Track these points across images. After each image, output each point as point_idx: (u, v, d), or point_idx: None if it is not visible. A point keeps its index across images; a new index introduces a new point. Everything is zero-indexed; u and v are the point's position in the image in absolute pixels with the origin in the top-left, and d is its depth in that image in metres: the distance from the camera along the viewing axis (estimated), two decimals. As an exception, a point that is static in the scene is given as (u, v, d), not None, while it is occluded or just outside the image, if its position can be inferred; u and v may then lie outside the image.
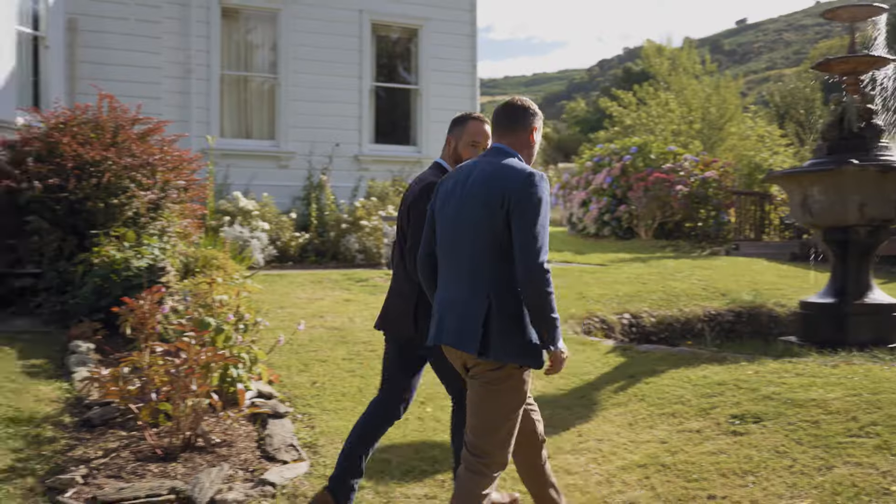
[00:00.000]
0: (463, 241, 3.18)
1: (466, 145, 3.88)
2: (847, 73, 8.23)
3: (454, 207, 3.23)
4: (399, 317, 3.95)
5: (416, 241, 3.64)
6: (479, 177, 3.19)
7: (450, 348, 3.25)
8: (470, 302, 3.12)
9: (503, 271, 3.08)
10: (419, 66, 14.23)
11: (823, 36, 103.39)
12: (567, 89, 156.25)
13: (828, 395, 5.01)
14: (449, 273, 3.26)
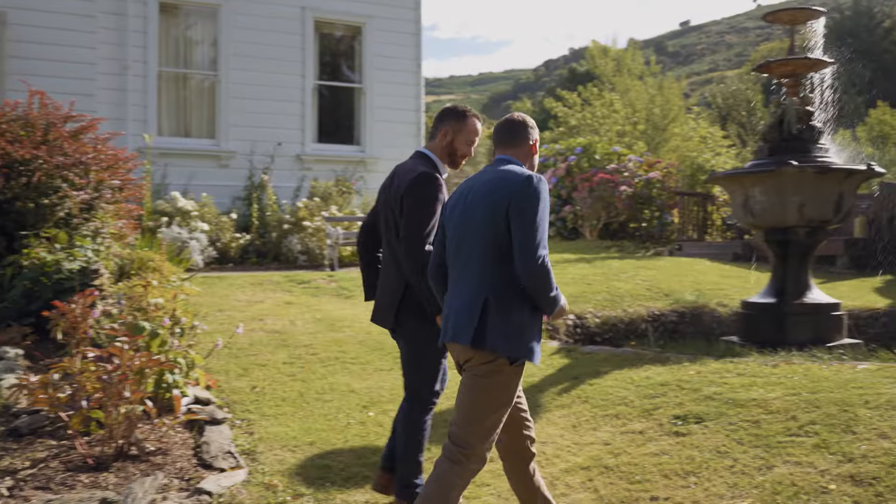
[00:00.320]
0: (467, 245, 3.32)
1: (466, 143, 3.92)
2: (787, 75, 8.33)
3: (460, 215, 3.39)
4: (384, 308, 3.99)
5: (411, 230, 3.69)
6: (483, 185, 3.36)
7: (452, 345, 3.36)
8: (470, 301, 3.24)
9: (503, 272, 3.22)
10: (363, 65, 14.08)
11: (765, 38, 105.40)
12: (513, 89, 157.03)
13: (768, 395, 5.03)
14: (457, 276, 3.38)
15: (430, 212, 3.74)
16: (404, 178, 3.84)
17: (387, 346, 6.95)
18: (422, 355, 3.93)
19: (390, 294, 3.92)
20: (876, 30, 57.46)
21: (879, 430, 4.29)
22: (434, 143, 3.95)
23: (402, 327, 3.92)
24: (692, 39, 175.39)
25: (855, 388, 5.01)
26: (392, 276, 3.95)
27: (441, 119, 3.95)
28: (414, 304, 3.82)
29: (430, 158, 3.93)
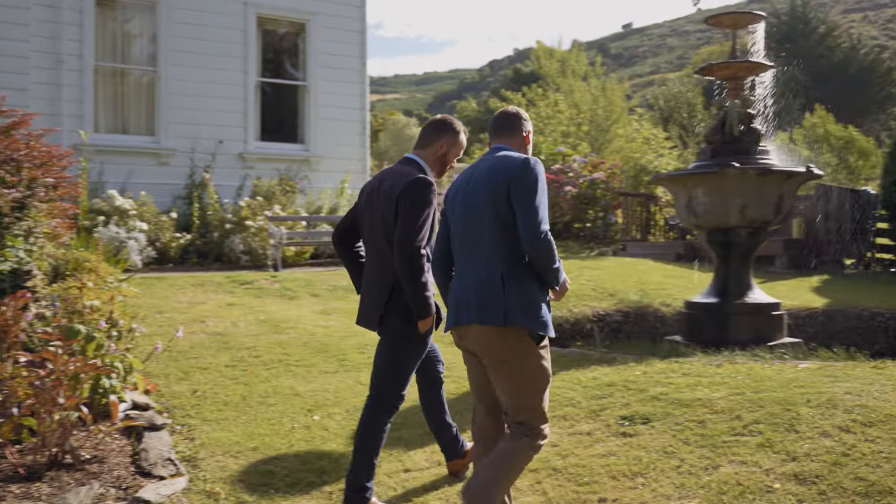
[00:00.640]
0: (474, 230, 3.49)
1: (455, 155, 4.17)
2: (728, 78, 8.43)
3: (464, 202, 3.56)
4: (370, 309, 4.10)
5: (407, 231, 3.80)
6: (482, 171, 3.56)
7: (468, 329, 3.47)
8: (487, 277, 3.40)
9: (511, 251, 3.41)
10: (307, 62, 13.92)
11: (705, 42, 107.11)
12: (458, 89, 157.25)
13: (713, 395, 5.06)
14: (465, 262, 3.53)
15: (426, 215, 3.87)
16: (398, 180, 3.94)
17: (331, 349, 6.86)
18: (401, 355, 4.04)
19: (376, 295, 4.02)
20: (811, 35, 58.83)
21: (821, 429, 4.34)
22: (427, 151, 4.12)
23: (386, 327, 4.01)
24: (634, 42, 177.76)
25: (797, 387, 5.07)
26: (377, 276, 4.04)
27: (438, 131, 4.13)
28: (400, 304, 3.93)
29: (420, 165, 4.07)
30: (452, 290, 3.58)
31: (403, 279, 3.84)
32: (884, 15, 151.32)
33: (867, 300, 10.05)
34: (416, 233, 3.82)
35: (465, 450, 4.41)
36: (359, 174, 14.03)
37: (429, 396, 4.44)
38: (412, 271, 3.80)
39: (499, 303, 3.35)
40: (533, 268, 3.42)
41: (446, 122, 4.19)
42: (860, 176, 29.95)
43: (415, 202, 3.86)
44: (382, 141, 54.54)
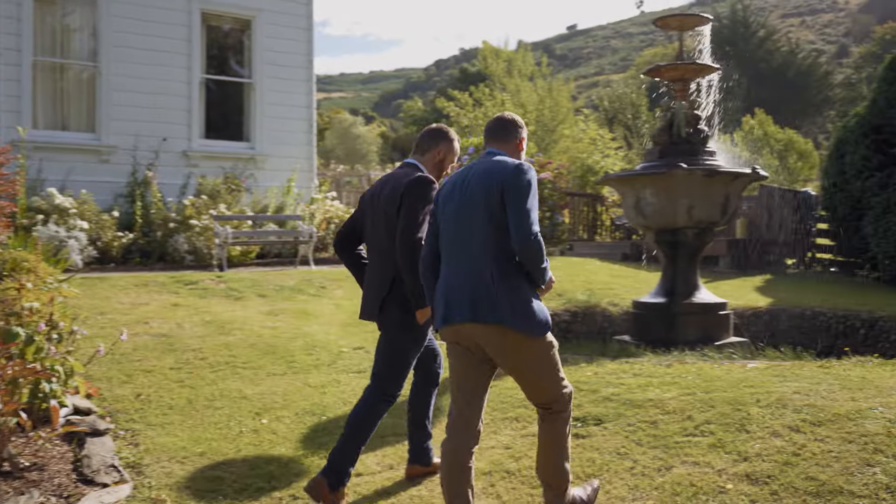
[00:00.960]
0: (465, 230, 3.61)
1: (451, 161, 4.44)
2: (676, 79, 8.50)
3: (456, 202, 3.67)
4: (370, 301, 4.28)
5: (410, 225, 4.04)
6: (476, 174, 3.67)
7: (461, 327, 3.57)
8: (479, 275, 3.53)
9: (503, 251, 3.52)
10: (253, 60, 13.72)
11: (648, 44, 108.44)
12: (404, 88, 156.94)
13: (664, 395, 5.08)
14: (455, 260, 3.63)
15: (427, 211, 4.09)
16: (402, 180, 4.21)
17: (279, 350, 6.75)
18: (401, 345, 4.20)
19: (377, 288, 4.23)
20: (752, 39, 60.00)
21: (772, 429, 4.37)
22: (426, 157, 4.38)
23: (385, 317, 4.19)
24: (579, 43, 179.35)
25: (747, 386, 5.12)
26: (378, 271, 4.26)
27: (437, 139, 4.40)
28: (399, 296, 4.13)
29: (420, 168, 4.33)
30: (442, 288, 3.66)
31: (404, 269, 4.05)
32: (820, 20, 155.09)
33: (809, 300, 10.24)
34: (418, 226, 4.05)
35: (432, 462, 4.39)
36: (305, 173, 13.88)
37: (421, 394, 4.48)
38: (412, 262, 3.99)
39: (491, 302, 3.48)
40: (522, 267, 3.53)
41: (443, 130, 4.45)
42: (799, 177, 30.61)
43: (418, 197, 4.11)
44: (329, 139, 54.11)
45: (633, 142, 31.44)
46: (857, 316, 9.24)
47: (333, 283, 10.03)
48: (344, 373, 6.21)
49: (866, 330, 9.06)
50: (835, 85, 62.31)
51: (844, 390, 4.89)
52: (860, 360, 5.95)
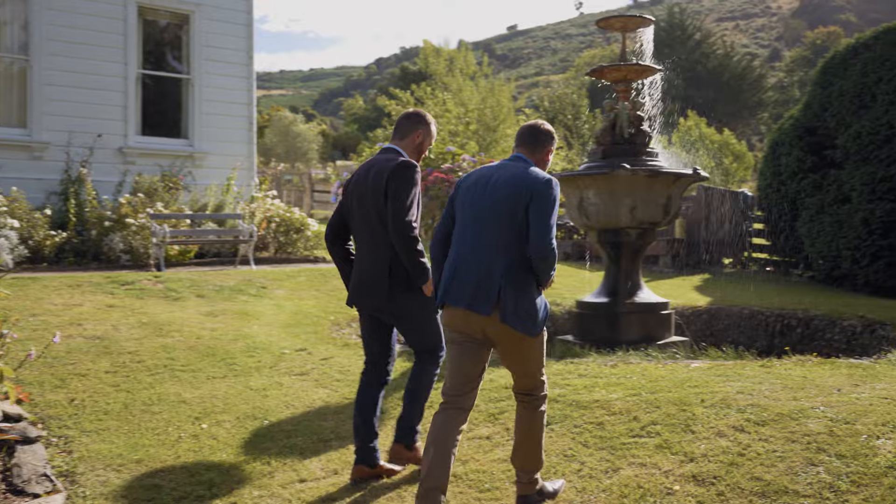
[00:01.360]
0: (485, 227, 3.83)
1: (430, 143, 4.64)
2: (619, 80, 8.54)
3: (479, 198, 3.89)
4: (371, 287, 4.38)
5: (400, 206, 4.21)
6: (506, 176, 3.90)
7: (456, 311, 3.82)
8: (488, 270, 3.76)
9: (516, 252, 3.76)
10: (192, 55, 13.43)
11: (587, 45, 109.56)
12: (345, 86, 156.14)
13: (610, 396, 5.08)
14: (468, 252, 3.85)
15: (414, 193, 4.30)
16: (386, 165, 4.37)
17: (219, 352, 6.59)
18: (418, 319, 4.41)
19: (376, 276, 4.34)
20: (688, 42, 61.04)
21: (717, 429, 4.40)
22: (405, 141, 4.56)
23: (397, 303, 4.33)
24: (519, 43, 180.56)
25: (691, 386, 5.15)
26: (373, 259, 4.37)
27: (415, 123, 4.58)
28: (401, 278, 4.31)
29: (401, 153, 4.49)
30: (448, 273, 3.89)
31: (400, 251, 4.24)
32: (754, 24, 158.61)
33: (747, 299, 10.40)
34: (408, 209, 4.24)
35: (378, 464, 4.39)
36: (245, 171, 13.66)
37: (370, 392, 4.55)
38: (407, 242, 4.21)
39: (493, 298, 3.72)
40: (531, 269, 3.77)
41: (421, 114, 4.64)
42: (735, 178, 31.20)
43: (403, 181, 4.27)
44: (268, 137, 53.52)
45: (573, 142, 31.69)
46: (794, 315, 9.42)
47: (274, 283, 9.87)
48: (286, 375, 6.09)
49: (802, 328, 9.23)
50: (768, 88, 63.82)
51: (786, 390, 4.95)
52: (800, 360, 6.04)
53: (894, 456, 3.89)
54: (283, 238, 13.00)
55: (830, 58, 14.86)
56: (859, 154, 13.24)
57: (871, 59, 13.62)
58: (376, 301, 4.38)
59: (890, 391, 4.84)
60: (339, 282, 10.26)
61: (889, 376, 5.41)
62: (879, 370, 5.65)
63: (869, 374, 5.46)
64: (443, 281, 3.91)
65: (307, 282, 10.15)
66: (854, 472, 3.80)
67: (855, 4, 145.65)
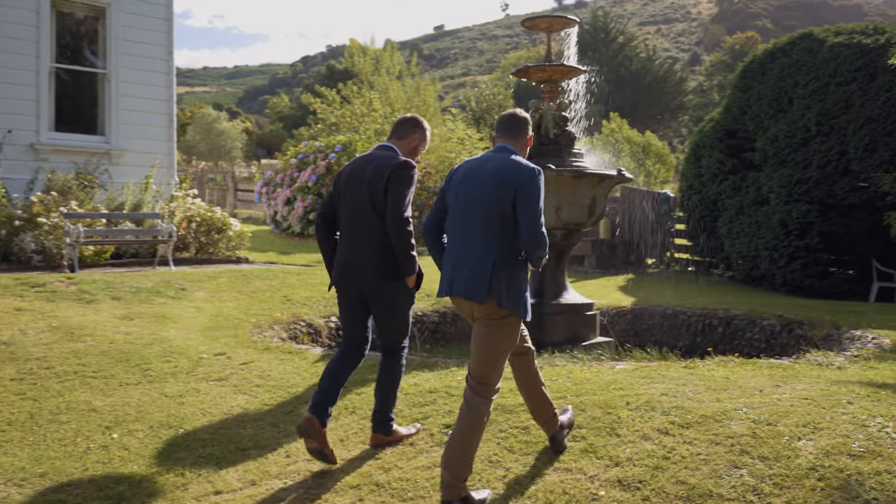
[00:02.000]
0: (475, 217, 4.01)
1: (424, 149, 4.93)
2: (544, 80, 8.52)
3: (470, 187, 4.07)
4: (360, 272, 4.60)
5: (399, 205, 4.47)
6: (493, 168, 4.06)
7: (460, 299, 4.06)
8: (480, 262, 3.96)
9: (506, 240, 3.96)
10: (108, 49, 13.00)
11: (513, 47, 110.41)
12: (270, 84, 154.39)
13: (536, 399, 5.01)
14: (462, 244, 4.06)
15: (411, 191, 4.58)
16: (386, 162, 4.62)
17: (133, 357, 6.33)
18: (398, 308, 4.67)
19: (367, 262, 4.57)
20: (612, 45, 61.91)
21: (642, 432, 4.37)
22: (402, 142, 4.80)
23: (383, 291, 4.60)
24: (446, 44, 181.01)
25: (616, 389, 5.13)
26: (364, 247, 4.59)
27: (414, 127, 4.84)
28: (389, 267, 4.55)
29: (398, 151, 4.73)
30: (447, 264, 4.14)
31: (396, 244, 4.50)
32: (675, 29, 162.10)
33: (670, 298, 10.52)
34: (406, 206, 4.52)
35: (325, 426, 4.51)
36: (165, 169, 13.28)
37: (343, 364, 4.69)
38: (403, 236, 4.48)
39: (488, 286, 3.91)
40: (521, 257, 4.00)
41: (418, 119, 4.89)
42: (657, 179, 31.74)
43: (403, 181, 4.53)
44: (191, 134, 52.36)
45: (499, 142, 31.75)
46: (715, 314, 9.55)
47: (194, 284, 9.59)
48: (204, 381, 5.87)
49: (724, 328, 9.37)
50: (688, 91, 65.12)
51: (710, 391, 4.97)
52: (723, 360, 6.08)
53: (815, 457, 3.92)
54: (204, 238, 12.68)
55: (749, 62, 15.19)
56: (777, 157, 13.55)
57: (788, 64, 13.96)
58: (364, 286, 4.61)
59: (810, 392, 4.89)
60: (261, 283, 10.04)
61: (808, 376, 5.48)
62: (799, 370, 5.73)
63: (789, 375, 5.53)
64: (445, 275, 4.14)
65: (228, 283, 9.89)
66: (777, 475, 3.80)
67: (771, 12, 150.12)
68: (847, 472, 3.78)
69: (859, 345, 7.18)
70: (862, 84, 12.89)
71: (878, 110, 12.55)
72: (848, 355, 6.47)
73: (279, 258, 13.87)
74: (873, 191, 12.40)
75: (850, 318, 8.70)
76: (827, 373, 5.69)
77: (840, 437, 4.11)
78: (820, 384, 5.15)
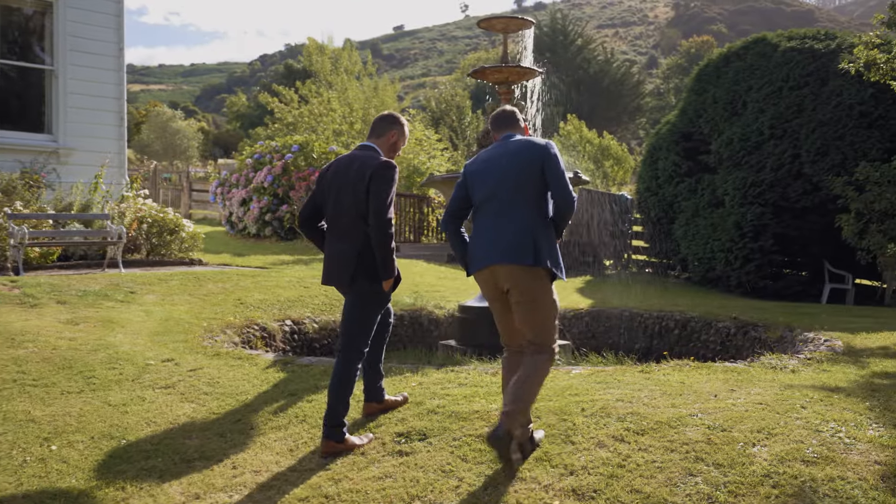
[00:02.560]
0: (507, 194, 4.34)
1: (403, 144, 5.03)
2: (500, 82, 8.45)
3: (497, 167, 4.41)
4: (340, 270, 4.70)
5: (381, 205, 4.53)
6: (515, 147, 4.44)
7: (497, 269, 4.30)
8: (521, 229, 4.27)
9: (540, 210, 4.33)
10: (56, 45, 12.66)
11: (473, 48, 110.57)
12: (227, 82, 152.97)
13: (490, 407, 4.92)
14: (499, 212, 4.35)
15: (393, 191, 4.65)
16: (367, 162, 4.68)
17: (77, 364, 6.12)
18: (368, 309, 4.73)
19: (346, 260, 4.65)
20: (570, 47, 62.24)
21: (597, 439, 4.30)
22: (381, 140, 4.88)
23: (356, 289, 4.67)
24: (406, 44, 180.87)
25: (571, 395, 5.05)
26: (346, 246, 4.67)
27: (391, 124, 4.92)
28: (368, 268, 4.62)
29: (378, 151, 4.80)
30: (481, 239, 4.38)
31: (376, 245, 4.55)
32: (632, 32, 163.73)
33: (627, 300, 10.52)
34: (389, 206, 4.58)
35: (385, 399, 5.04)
36: (115, 168, 12.97)
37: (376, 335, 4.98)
38: (384, 237, 4.54)
39: (532, 248, 4.22)
40: (551, 223, 4.35)
41: (395, 116, 4.98)
42: (615, 181, 31.91)
43: (385, 181, 4.59)
44: (145, 133, 51.62)
45: (458, 143, 31.75)
46: (672, 317, 9.55)
47: (144, 287, 9.36)
48: (150, 388, 5.69)
49: (680, 330, 9.38)
50: (646, 94, 65.74)
51: (665, 396, 4.91)
52: (678, 365, 6.05)
53: (770, 464, 3.88)
54: (156, 239, 12.42)
55: (704, 65, 15.30)
56: (731, 159, 13.65)
57: (743, 68, 14.08)
58: (341, 283, 4.73)
59: (764, 396, 4.87)
60: (213, 285, 9.83)
61: (763, 380, 5.46)
62: (754, 374, 5.71)
63: (744, 379, 5.51)
64: (480, 251, 4.37)
65: (180, 286, 9.67)
66: (732, 482, 3.75)
67: (726, 16, 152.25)
68: (801, 478, 3.74)
69: (812, 347, 7.21)
70: (814, 88, 13.03)
71: (830, 114, 12.70)
72: (801, 358, 6.48)
73: (234, 260, 13.64)
74: (825, 194, 12.54)
75: (804, 320, 8.76)
76: (781, 376, 5.68)
77: (794, 442, 4.08)
78: (774, 388, 5.13)
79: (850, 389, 5.15)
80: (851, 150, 12.46)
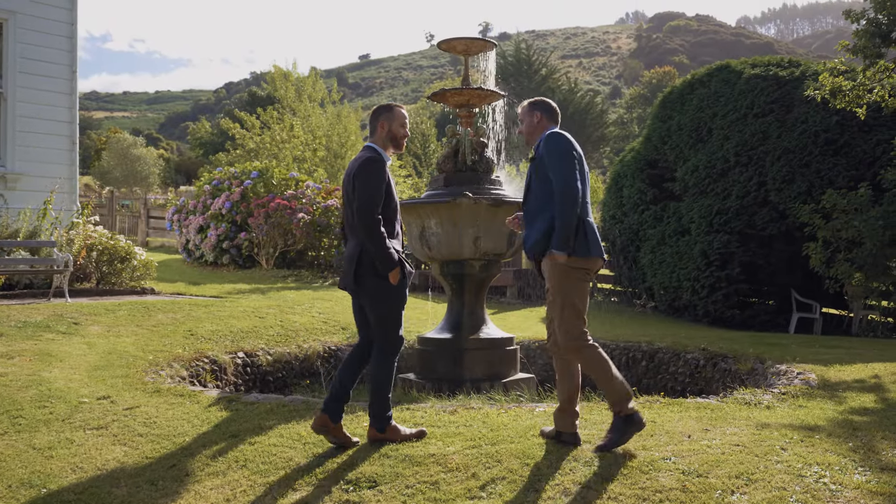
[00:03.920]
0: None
1: (400, 126, 4.90)
2: (461, 105, 8.18)
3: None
4: (345, 272, 4.78)
5: (363, 201, 4.57)
6: None
7: None
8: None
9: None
10: (5, 67, 12.22)
11: (438, 77, 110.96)
12: (192, 110, 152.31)
13: (447, 450, 4.55)
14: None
15: (377, 186, 4.63)
16: (356, 160, 4.77)
17: (4, 402, 5.66)
18: (386, 308, 4.73)
19: (349, 260, 4.73)
20: (535, 76, 62.58)
21: (562, 487, 3.95)
22: (375, 136, 4.87)
23: (363, 289, 4.70)
24: (372, 73, 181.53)
25: (535, 436, 4.70)
26: (350, 246, 4.75)
27: (376, 116, 4.90)
28: (369, 265, 4.63)
29: (374, 148, 4.81)
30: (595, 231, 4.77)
31: (364, 241, 4.59)
32: (596, 62, 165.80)
33: (593, 330, 10.15)
34: (371, 201, 4.57)
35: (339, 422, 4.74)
36: (66, 194, 12.50)
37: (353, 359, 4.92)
38: (370, 233, 4.55)
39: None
40: None
41: (381, 106, 4.97)
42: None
43: (366, 176, 4.63)
44: (105, 160, 50.83)
45: (422, 170, 31.51)
46: (639, 348, 9.27)
47: (90, 318, 8.89)
48: (80, 430, 5.24)
49: (647, 361, 9.09)
50: (609, 123, 66.23)
51: (635, 437, 4.58)
52: (648, 401, 5.73)
53: (750, 513, 3.56)
54: (106, 268, 11.94)
55: (669, 92, 15.20)
56: (697, 187, 13.50)
57: (707, 95, 13.98)
58: (347, 283, 4.75)
59: (741, 437, 4.56)
60: (164, 315, 9.38)
61: (738, 418, 5.17)
62: (728, 411, 5.41)
63: (718, 416, 5.20)
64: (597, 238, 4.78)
65: (128, 316, 9.20)
66: (709, 535, 3.43)
67: (687, 48, 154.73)
68: (785, 530, 3.42)
69: (785, 381, 6.94)
70: (779, 115, 12.94)
71: (795, 142, 12.60)
72: (776, 392, 6.19)
73: (188, 289, 13.16)
74: (791, 222, 12.40)
75: (774, 351, 8.50)
76: (756, 413, 5.39)
77: (776, 489, 3.77)
78: (750, 427, 4.83)
79: (830, 428, 4.86)
80: (818, 177, 12.35)
